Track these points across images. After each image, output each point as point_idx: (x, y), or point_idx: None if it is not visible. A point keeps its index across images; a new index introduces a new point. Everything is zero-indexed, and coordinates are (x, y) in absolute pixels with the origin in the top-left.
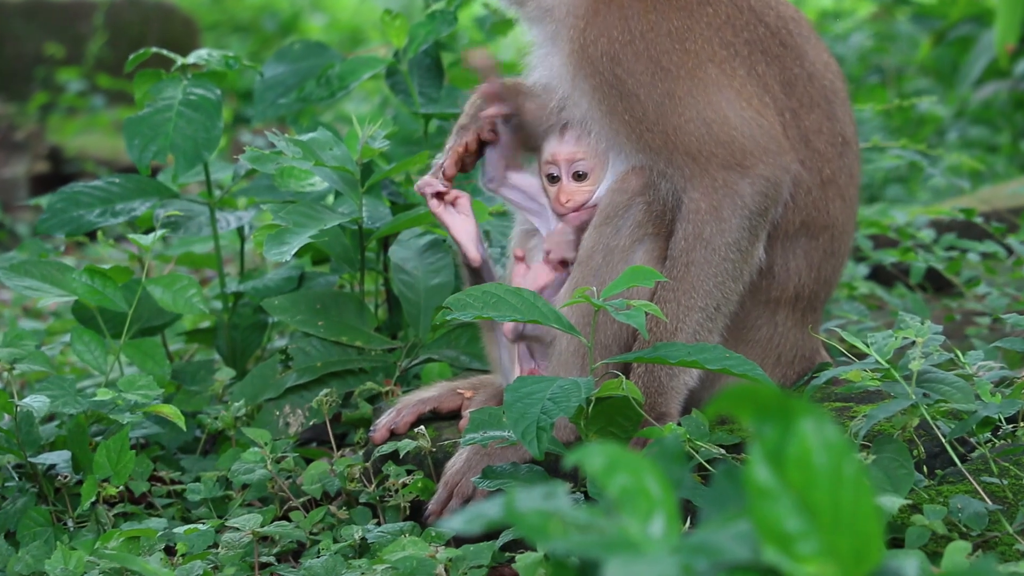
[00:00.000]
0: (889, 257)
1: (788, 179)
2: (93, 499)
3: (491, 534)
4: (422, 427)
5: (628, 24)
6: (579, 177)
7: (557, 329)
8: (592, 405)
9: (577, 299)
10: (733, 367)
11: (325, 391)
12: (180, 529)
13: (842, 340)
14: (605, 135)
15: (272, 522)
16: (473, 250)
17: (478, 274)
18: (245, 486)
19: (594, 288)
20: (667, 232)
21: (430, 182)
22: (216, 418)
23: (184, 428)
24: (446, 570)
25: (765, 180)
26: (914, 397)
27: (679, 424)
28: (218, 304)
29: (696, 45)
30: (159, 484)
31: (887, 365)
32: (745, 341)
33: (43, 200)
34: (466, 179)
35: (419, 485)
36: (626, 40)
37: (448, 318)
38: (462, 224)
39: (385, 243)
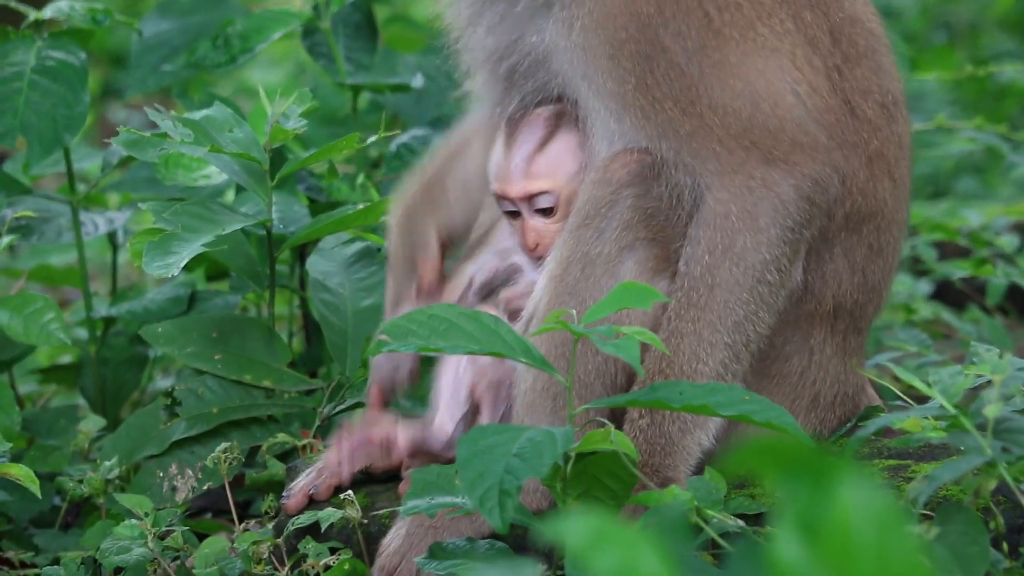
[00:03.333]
0: (959, 271)
1: (837, 180)
2: None
3: None
4: (350, 492)
5: None
6: (545, 212)
7: (526, 364)
8: (572, 463)
9: (551, 325)
10: (755, 413)
11: (223, 446)
12: None
13: (896, 378)
14: (610, 123)
15: None
16: None
17: None
18: (119, 569)
19: (573, 311)
20: (666, 237)
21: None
22: (80, 481)
23: (39, 495)
24: None
25: (812, 182)
26: (990, 452)
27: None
28: (83, 333)
29: None
30: (5, 568)
31: (955, 411)
32: (770, 376)
33: None
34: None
35: (346, 567)
36: None
37: (385, 351)
38: None
39: (302, 253)
